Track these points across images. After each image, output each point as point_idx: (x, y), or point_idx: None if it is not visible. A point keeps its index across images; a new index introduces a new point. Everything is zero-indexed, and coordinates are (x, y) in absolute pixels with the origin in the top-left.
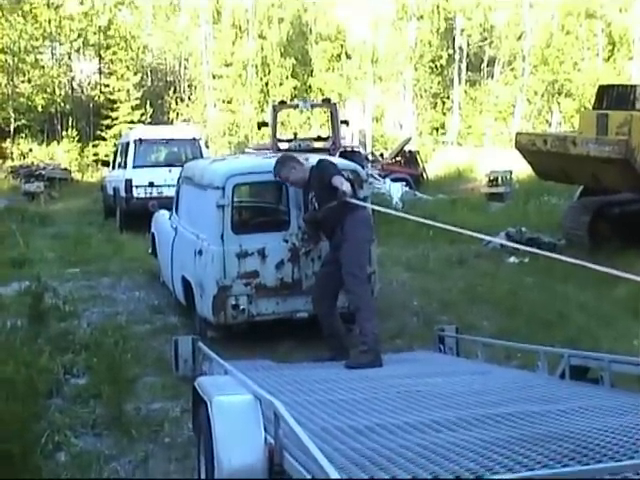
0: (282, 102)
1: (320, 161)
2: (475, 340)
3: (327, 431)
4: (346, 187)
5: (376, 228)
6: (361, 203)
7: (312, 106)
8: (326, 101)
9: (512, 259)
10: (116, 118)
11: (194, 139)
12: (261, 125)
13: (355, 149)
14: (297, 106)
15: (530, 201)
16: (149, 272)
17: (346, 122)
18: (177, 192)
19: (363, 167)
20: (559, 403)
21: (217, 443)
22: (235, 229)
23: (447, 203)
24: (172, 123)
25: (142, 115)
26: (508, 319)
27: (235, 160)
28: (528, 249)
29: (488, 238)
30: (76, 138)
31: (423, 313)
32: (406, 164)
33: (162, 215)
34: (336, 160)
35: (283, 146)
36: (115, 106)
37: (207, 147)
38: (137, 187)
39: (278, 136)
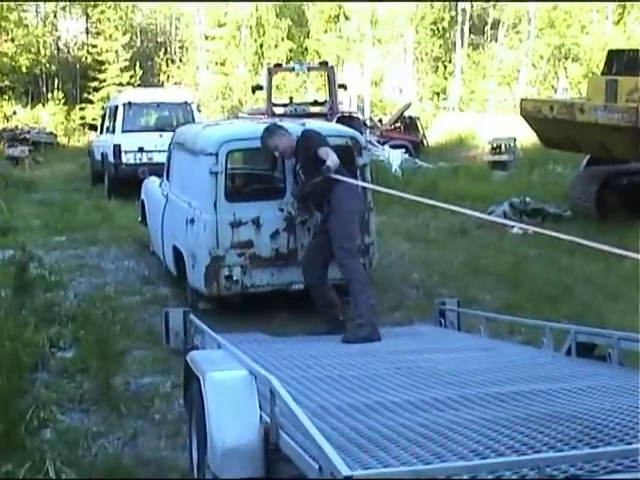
0: (277, 65)
1: (305, 131)
2: (477, 314)
3: (325, 409)
4: (331, 160)
5: (375, 196)
6: (346, 179)
7: (309, 69)
8: (323, 64)
9: (516, 230)
10: (104, 80)
11: (186, 103)
12: (255, 89)
13: (353, 114)
14: (293, 69)
15: (535, 170)
16: (138, 241)
17: (344, 86)
18: (168, 158)
19: (361, 133)
20: (565, 382)
21: (210, 421)
22: (229, 197)
23: (448, 171)
24: (163, 86)
25: (131, 77)
26: (512, 293)
27: (229, 125)
28: (498, 221)
29: (484, 216)
30: (62, 101)
31: (423, 285)
32: (406, 130)
33: (152, 182)
34: (332, 126)
35: (278, 111)
36: (103, 68)
37: (199, 111)
38: (126, 152)
39: (273, 100)
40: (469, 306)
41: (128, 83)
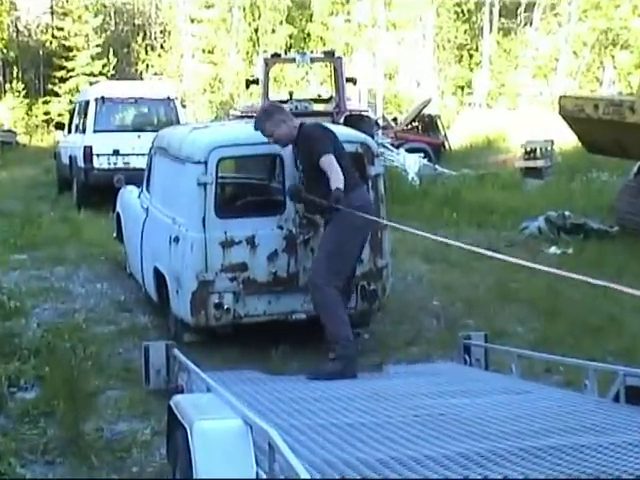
0: (275, 55)
1: (308, 129)
2: (508, 351)
3: (331, 465)
4: (335, 181)
5: (388, 209)
6: (354, 212)
7: (312, 60)
8: (329, 54)
9: (553, 249)
10: (72, 69)
11: (168, 98)
12: (250, 83)
13: (363, 113)
14: (294, 60)
15: (575, 178)
16: (113, 260)
17: (353, 80)
18: (149, 165)
19: (373, 136)
20: (613, 434)
21: (198, 477)
22: (219, 212)
23: (474, 179)
24: (141, 77)
25: (104, 67)
26: (548, 323)
27: (220, 128)
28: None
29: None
30: (22, 93)
31: (444, 315)
32: (425, 131)
33: (130, 192)
34: (339, 129)
35: None
36: (71, 55)
37: (184, 107)
38: (99, 156)
39: (270, 96)
40: (498, 340)
41: (100, 73)
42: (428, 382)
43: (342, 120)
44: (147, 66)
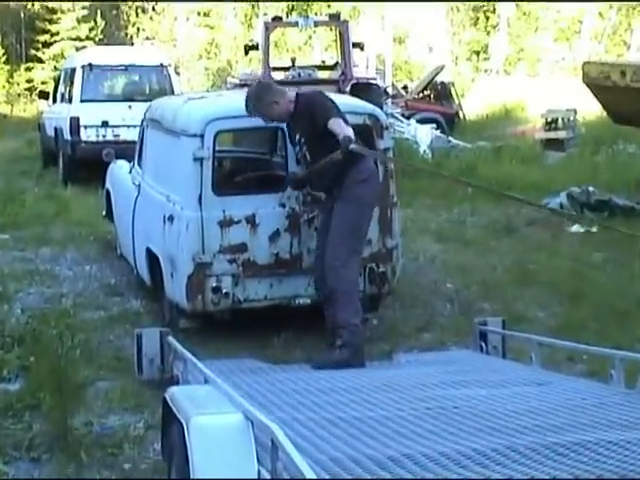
0: (276, 18)
1: (308, 96)
2: (528, 338)
3: (338, 462)
4: (348, 131)
5: (398, 184)
6: (373, 153)
7: (316, 24)
8: (334, 17)
9: (576, 227)
10: (56, 33)
11: (161, 65)
12: (249, 49)
13: (371, 81)
14: (296, 24)
15: (600, 151)
16: (103, 241)
17: (359, 45)
18: (140, 138)
19: (381, 106)
20: None
21: (195, 476)
22: (217, 189)
23: (490, 152)
24: (132, 43)
25: (91, 30)
26: (571, 308)
27: (217, 99)
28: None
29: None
30: (3, 59)
31: (459, 299)
32: (437, 100)
33: (120, 167)
34: (345, 99)
35: (278, 76)
36: (55, 17)
37: (178, 74)
38: (86, 128)
39: (271, 63)
40: (517, 326)
41: (87, 38)
42: (441, 372)
43: (348, 88)
44: (138, 30)
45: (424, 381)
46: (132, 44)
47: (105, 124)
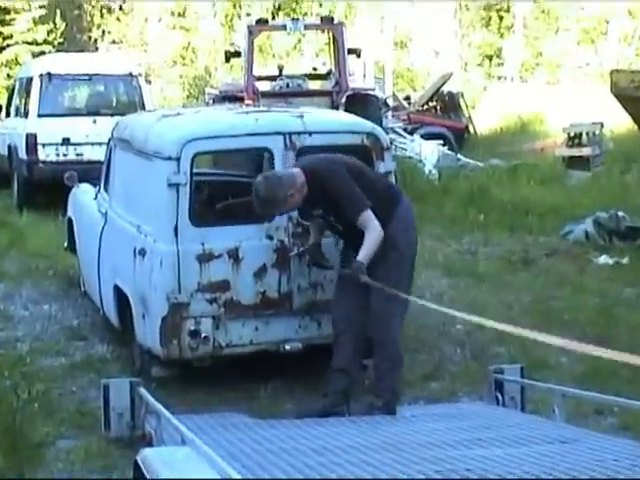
0: (261, 21)
1: (322, 172)
2: (550, 388)
3: None
4: (367, 250)
5: None
6: (379, 285)
7: (306, 27)
8: (327, 20)
9: (603, 258)
10: (9, 37)
11: (130, 75)
12: (230, 55)
13: (369, 92)
14: (284, 27)
15: (631, 169)
16: (64, 276)
17: (356, 51)
18: (107, 160)
19: (381, 120)
20: None
21: None
22: (195, 219)
23: (505, 172)
24: (96, 48)
25: (50, 33)
26: None
27: (195, 116)
28: None
29: None
30: None
31: (470, 342)
32: (444, 112)
33: (84, 192)
34: (339, 118)
35: (263, 87)
36: (7, 18)
37: (149, 83)
38: (45, 146)
39: (256, 71)
40: (537, 374)
41: (45, 42)
42: (451, 428)
43: (343, 100)
44: (103, 33)
45: (432, 439)
46: (97, 49)
47: (66, 142)
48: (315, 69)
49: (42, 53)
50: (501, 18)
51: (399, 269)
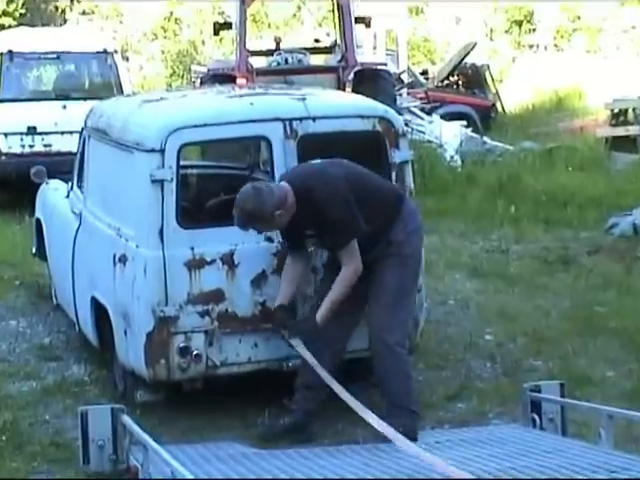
0: None
1: (312, 189)
2: (595, 408)
3: None
4: (353, 265)
5: (419, 203)
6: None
7: None
8: None
9: None
10: None
11: (105, 52)
12: (220, 27)
13: (380, 67)
14: None
15: None
16: (32, 286)
17: (364, 20)
18: (80, 152)
19: (395, 99)
20: None
21: None
22: (183, 220)
23: (538, 156)
24: (64, 20)
25: (10, 3)
26: None
27: (181, 101)
28: None
29: None
30: None
31: (502, 355)
32: (468, 88)
33: (54, 189)
34: (345, 100)
35: (257, 63)
36: None
37: (126, 60)
38: (7, 136)
39: (249, 45)
40: (580, 391)
41: (5, 14)
42: (481, 455)
43: (351, 77)
44: (72, 1)
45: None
46: (65, 21)
47: (32, 130)
48: (317, 41)
49: (1, 27)
50: None
51: (401, 271)
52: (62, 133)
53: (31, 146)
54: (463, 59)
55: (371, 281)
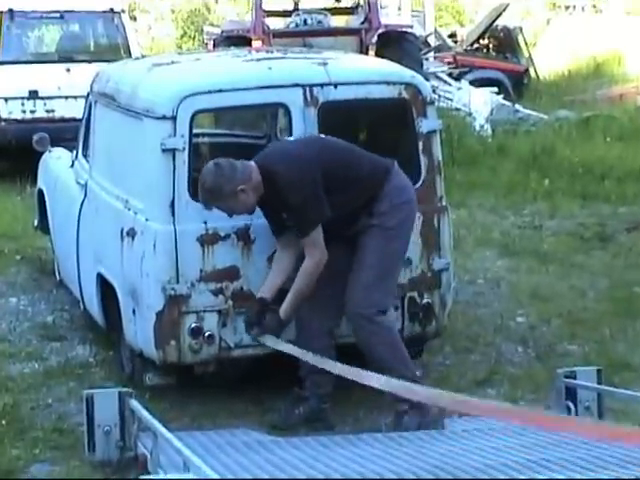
0: None
1: (281, 174)
2: (634, 396)
3: None
4: (295, 298)
5: (447, 175)
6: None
7: None
8: None
9: None
10: None
11: (111, 11)
12: None
13: (405, 29)
14: None
15: None
16: (34, 261)
17: None
18: (86, 119)
19: (421, 64)
20: None
21: None
22: (196, 192)
23: (574, 126)
24: None
25: None
26: None
27: (194, 65)
28: None
29: None
30: None
31: (534, 338)
32: (499, 52)
33: (57, 158)
34: (368, 64)
35: (275, 24)
36: None
37: (134, 20)
38: (7, 100)
39: (266, 5)
40: (618, 377)
41: None
42: (512, 446)
43: (374, 40)
44: None
45: (489, 461)
46: None
47: (34, 95)
48: (339, 1)
49: None
50: None
51: (383, 244)
52: (66, 98)
53: (32, 111)
54: (494, 21)
55: (353, 255)
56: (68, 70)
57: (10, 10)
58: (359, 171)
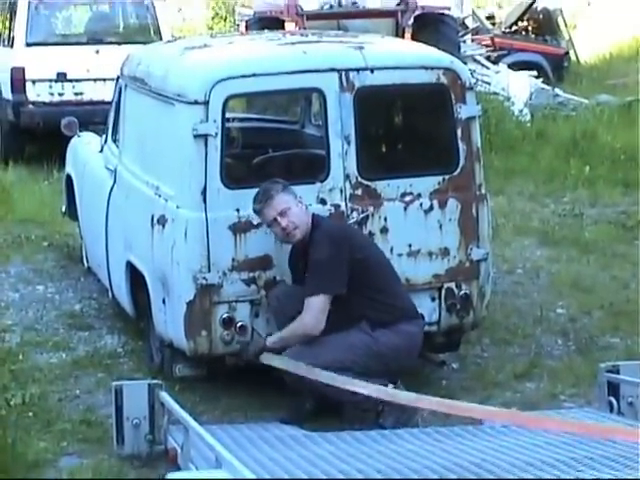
0: None
1: (319, 231)
2: None
3: None
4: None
5: (485, 162)
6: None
7: None
8: None
9: None
10: None
11: None
12: None
13: (443, 11)
14: None
15: None
16: (62, 248)
17: None
18: (116, 103)
19: (459, 47)
20: None
21: None
22: (228, 179)
23: (616, 111)
24: None
25: None
26: None
27: (227, 48)
28: None
29: None
30: None
31: (575, 331)
32: (539, 34)
33: (86, 143)
34: (404, 48)
35: (309, 5)
36: None
37: (164, 0)
38: (35, 83)
39: None
40: None
41: None
42: (553, 443)
43: (411, 22)
44: None
45: (528, 458)
46: None
47: (62, 77)
48: None
49: None
50: None
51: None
52: (95, 80)
53: (61, 94)
54: (533, 2)
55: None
56: (97, 52)
57: None
58: (387, 289)
